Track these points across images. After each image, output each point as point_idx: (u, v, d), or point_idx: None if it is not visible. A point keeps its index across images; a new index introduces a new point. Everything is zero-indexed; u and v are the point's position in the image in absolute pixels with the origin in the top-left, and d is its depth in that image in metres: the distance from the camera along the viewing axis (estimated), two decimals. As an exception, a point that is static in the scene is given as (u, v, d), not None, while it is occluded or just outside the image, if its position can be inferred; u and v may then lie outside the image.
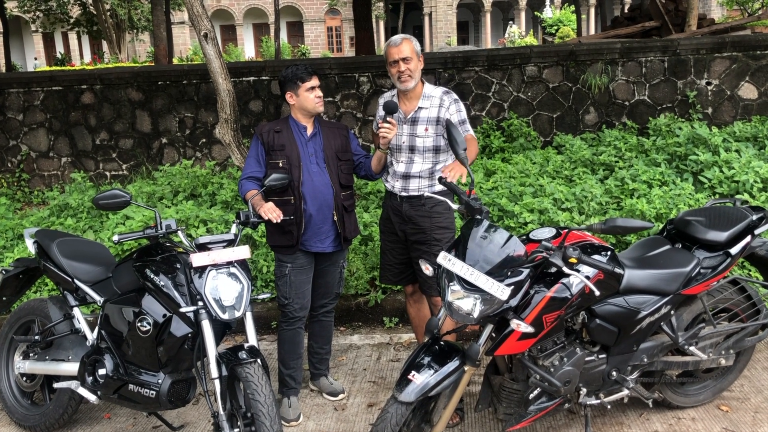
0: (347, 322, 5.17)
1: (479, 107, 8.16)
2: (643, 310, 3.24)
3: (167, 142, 8.32)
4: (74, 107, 8.29)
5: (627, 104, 8.08)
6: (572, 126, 8.12)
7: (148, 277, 3.36)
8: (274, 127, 3.88)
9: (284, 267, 3.88)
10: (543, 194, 5.79)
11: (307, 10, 45.66)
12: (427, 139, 3.77)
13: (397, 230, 3.95)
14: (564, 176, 6.48)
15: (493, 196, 5.75)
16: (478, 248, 2.92)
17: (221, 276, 3.27)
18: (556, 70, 8.08)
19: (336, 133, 3.95)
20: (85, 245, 3.98)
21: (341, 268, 4.08)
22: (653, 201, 5.39)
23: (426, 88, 3.85)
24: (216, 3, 46.62)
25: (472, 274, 2.83)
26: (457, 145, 3.19)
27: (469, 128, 3.82)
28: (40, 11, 29.73)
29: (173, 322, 3.30)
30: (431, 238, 3.82)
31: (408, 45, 3.75)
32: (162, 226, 3.41)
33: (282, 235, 3.82)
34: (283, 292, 3.90)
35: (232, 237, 3.42)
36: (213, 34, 5.23)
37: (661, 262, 3.36)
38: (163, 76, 8.19)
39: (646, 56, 7.99)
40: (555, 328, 3.07)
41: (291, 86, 3.82)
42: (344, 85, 8.11)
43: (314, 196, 3.79)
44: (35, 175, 8.45)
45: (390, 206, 3.99)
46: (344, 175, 3.89)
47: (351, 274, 5.17)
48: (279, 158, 3.80)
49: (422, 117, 3.79)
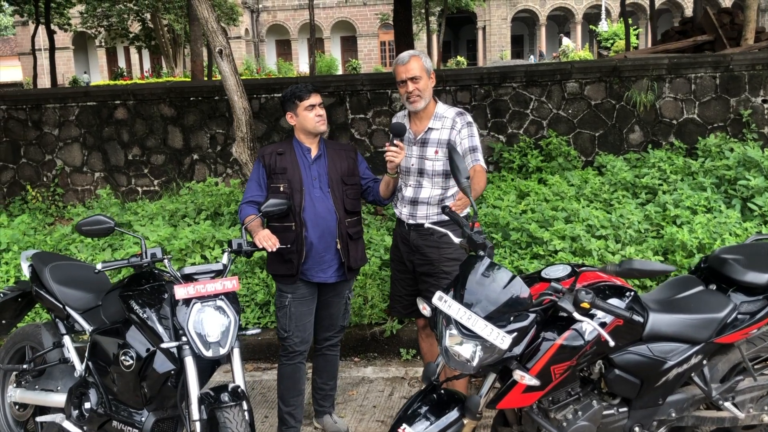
0: (362, 353, 4.91)
1: (516, 125, 7.82)
2: (669, 360, 2.88)
3: (198, 158, 8.24)
4: (108, 122, 8.29)
5: (674, 123, 7.62)
6: (615, 145, 7.70)
7: (132, 308, 3.17)
8: (277, 149, 3.67)
9: (284, 297, 3.64)
10: (576, 219, 5.43)
11: (361, 25, 45.88)
12: (437, 163, 3.50)
13: (405, 260, 3.68)
14: (602, 200, 6.09)
15: (523, 221, 5.41)
16: (477, 288, 2.62)
17: (207, 309, 3.05)
18: (598, 86, 7.68)
19: (342, 155, 3.71)
20: (80, 270, 3.83)
21: (346, 300, 3.82)
22: (695, 230, 4.97)
23: (438, 108, 3.58)
24: (272, 18, 47.35)
25: (470, 318, 2.54)
26: (458, 172, 2.90)
27: (480, 158, 3.50)
28: (102, 27, 30.65)
29: (157, 358, 3.10)
30: (439, 271, 3.54)
31: (417, 63, 3.48)
32: (147, 255, 3.21)
33: (282, 264, 3.60)
34: (283, 324, 3.66)
35: (221, 267, 3.20)
36: (228, 51, 5.07)
37: (692, 305, 2.99)
38: (196, 91, 8.12)
39: (696, 72, 7.53)
40: (566, 380, 2.74)
41: (290, 105, 3.60)
42: (376, 101, 7.89)
43: (316, 223, 3.55)
44: (69, 189, 8.47)
45: (399, 234, 3.73)
46: (350, 200, 3.64)
47: (366, 301, 4.91)
48: (280, 182, 3.58)
49: (432, 138, 3.52)
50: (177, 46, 32.14)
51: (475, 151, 3.47)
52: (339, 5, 45.06)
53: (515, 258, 5.10)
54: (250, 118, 5.22)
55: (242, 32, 43.63)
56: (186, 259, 5.23)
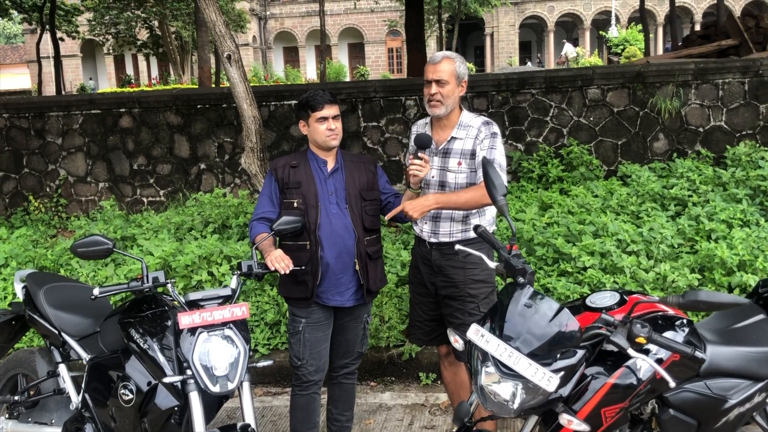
0: (379, 377, 4.61)
1: (535, 133, 7.52)
2: (730, 399, 2.57)
3: (206, 167, 7.97)
4: (113, 131, 8.03)
5: (701, 131, 7.31)
6: (639, 154, 7.39)
7: (132, 336, 2.89)
8: (291, 161, 3.38)
9: (298, 323, 3.35)
10: (605, 234, 5.12)
11: (369, 32, 45.74)
12: (460, 175, 3.21)
13: (426, 282, 3.39)
14: (630, 212, 5.78)
15: (548, 235, 5.11)
16: (519, 321, 2.32)
17: (214, 339, 2.77)
18: (621, 92, 7.38)
19: (361, 169, 3.41)
20: (78, 292, 3.54)
21: (365, 324, 3.51)
22: (735, 246, 4.65)
23: (463, 116, 3.28)
24: (280, 25, 47.28)
25: (511, 356, 2.24)
26: (494, 188, 2.60)
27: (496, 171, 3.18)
28: (109, 34, 30.59)
29: (159, 392, 2.82)
30: (465, 294, 3.24)
31: (449, 65, 3.18)
32: (148, 279, 2.93)
33: (296, 286, 3.30)
34: (296, 352, 3.36)
35: (229, 293, 2.91)
36: (237, 56, 4.79)
37: (753, 336, 2.69)
38: (203, 99, 7.86)
39: (724, 78, 7.22)
40: (617, 422, 2.43)
41: (303, 114, 3.32)
42: (390, 108, 7.61)
43: (333, 242, 3.26)
44: (72, 200, 8.22)
45: (419, 253, 3.44)
46: (369, 217, 3.35)
47: (383, 322, 4.61)
48: (294, 197, 3.29)
49: (455, 149, 3.23)
50: (184, 53, 32.05)
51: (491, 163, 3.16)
52: (347, 12, 44.94)
53: (541, 275, 4.79)
54: (260, 127, 4.94)
55: (250, 39, 43.54)
56: (192, 276, 4.94)
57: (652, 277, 4.56)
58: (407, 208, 3.07)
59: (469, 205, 3.15)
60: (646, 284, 4.52)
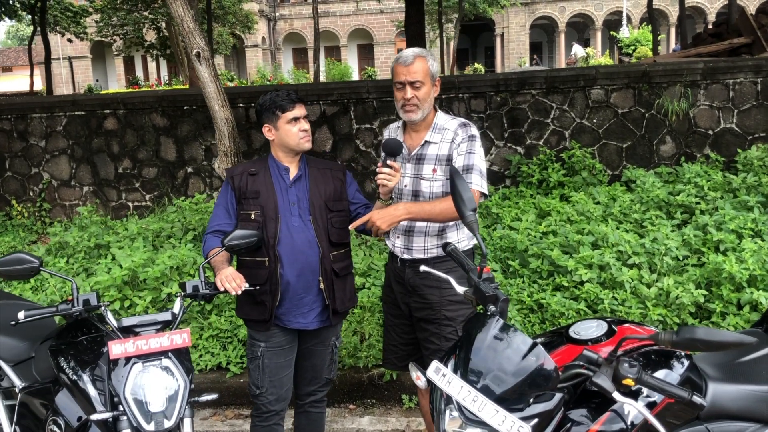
0: (358, 399, 4.27)
1: (536, 135, 7.17)
2: (735, 445, 2.23)
3: (193, 171, 7.67)
4: (97, 133, 7.75)
5: (710, 133, 6.93)
6: (645, 158, 7.03)
7: (61, 366, 2.58)
8: (249, 168, 3.06)
9: (257, 347, 3.03)
10: (605, 245, 4.77)
11: (378, 33, 45.46)
12: (435, 183, 2.88)
13: (399, 302, 3.07)
14: (632, 220, 5.42)
15: (544, 246, 4.77)
16: (487, 358, 1.99)
17: (151, 370, 2.46)
18: (626, 93, 7.02)
19: (328, 176, 3.09)
20: (17, 310, 3.22)
21: (333, 347, 3.19)
22: (745, 259, 4.29)
23: (438, 118, 2.95)
24: (288, 27, 47.08)
25: (475, 401, 1.91)
26: (462, 202, 2.26)
27: (475, 180, 2.82)
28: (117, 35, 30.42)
29: (91, 430, 2.50)
30: (441, 316, 2.92)
31: (421, 64, 2.85)
32: (79, 302, 2.61)
33: (253, 307, 2.99)
34: (255, 379, 3.05)
35: (169, 317, 2.59)
36: (207, 54, 4.47)
37: (763, 372, 2.34)
38: (189, 100, 7.56)
39: (735, 77, 6.84)
40: (602, 474, 2.10)
41: (269, 117, 2.99)
42: (384, 110, 7.28)
43: (294, 258, 2.94)
44: (56, 204, 7.94)
45: (391, 271, 3.12)
46: (336, 230, 3.02)
47: (362, 340, 4.28)
48: (252, 208, 2.97)
49: (429, 154, 2.90)
50: (192, 54, 31.81)
51: (469, 171, 2.82)
52: (356, 13, 44.66)
53: (535, 290, 4.45)
54: (234, 129, 4.62)
55: (259, 40, 43.35)
56: (162, 288, 4.64)
57: (654, 292, 4.21)
58: (374, 218, 2.76)
59: (445, 216, 2.82)
60: (648, 300, 4.17)
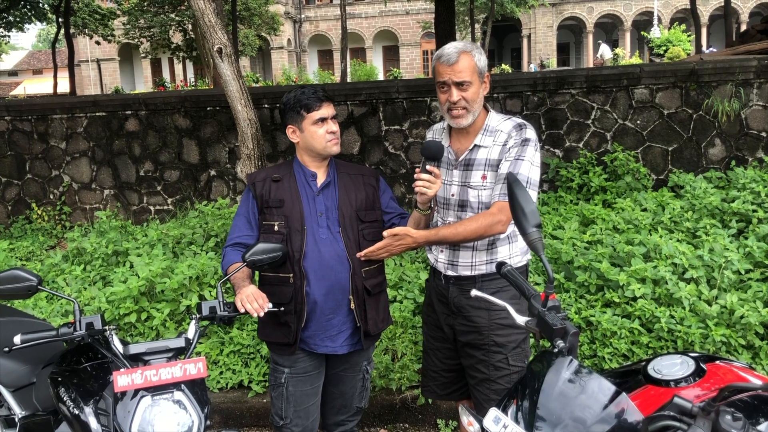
0: (390, 423, 3.94)
1: (575, 137, 6.79)
2: None
3: (216, 174, 7.41)
4: (118, 135, 7.52)
5: (764, 135, 6.50)
6: (692, 162, 6.61)
7: (61, 397, 2.29)
8: (273, 173, 2.75)
9: (280, 373, 2.72)
10: (658, 257, 4.39)
11: (403, 34, 45.22)
12: (484, 192, 2.53)
13: (442, 324, 2.73)
14: (684, 229, 5.02)
15: (591, 257, 4.40)
16: (558, 405, 1.65)
17: (161, 404, 2.16)
18: (672, 93, 6.61)
19: (359, 182, 2.76)
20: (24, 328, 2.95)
21: (364, 373, 2.86)
22: (819, 274, 3.89)
23: (490, 119, 2.60)
24: (314, 29, 47.05)
25: (544, 459, 1.57)
26: (524, 217, 1.91)
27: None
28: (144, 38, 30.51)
29: (93, 469, 2.21)
30: (490, 342, 2.58)
31: (467, 61, 2.49)
32: (81, 325, 2.31)
33: (276, 328, 2.68)
34: (278, 409, 2.73)
35: (182, 344, 2.29)
36: (230, 50, 4.18)
37: None
38: (213, 101, 7.30)
39: (791, 76, 6.40)
40: None
41: (293, 117, 2.67)
42: (414, 111, 6.95)
43: (322, 275, 2.61)
44: (77, 208, 7.73)
45: (434, 289, 2.78)
46: (367, 242, 2.67)
47: (395, 359, 3.95)
48: (275, 219, 2.66)
49: (479, 159, 2.55)
50: (218, 55, 31.79)
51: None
52: (381, 14, 44.44)
53: (582, 305, 4.09)
54: (258, 131, 4.32)
55: (284, 42, 43.33)
56: (181, 300, 4.35)
57: (716, 310, 3.82)
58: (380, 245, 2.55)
59: (474, 238, 2.48)
60: (709, 319, 3.79)
